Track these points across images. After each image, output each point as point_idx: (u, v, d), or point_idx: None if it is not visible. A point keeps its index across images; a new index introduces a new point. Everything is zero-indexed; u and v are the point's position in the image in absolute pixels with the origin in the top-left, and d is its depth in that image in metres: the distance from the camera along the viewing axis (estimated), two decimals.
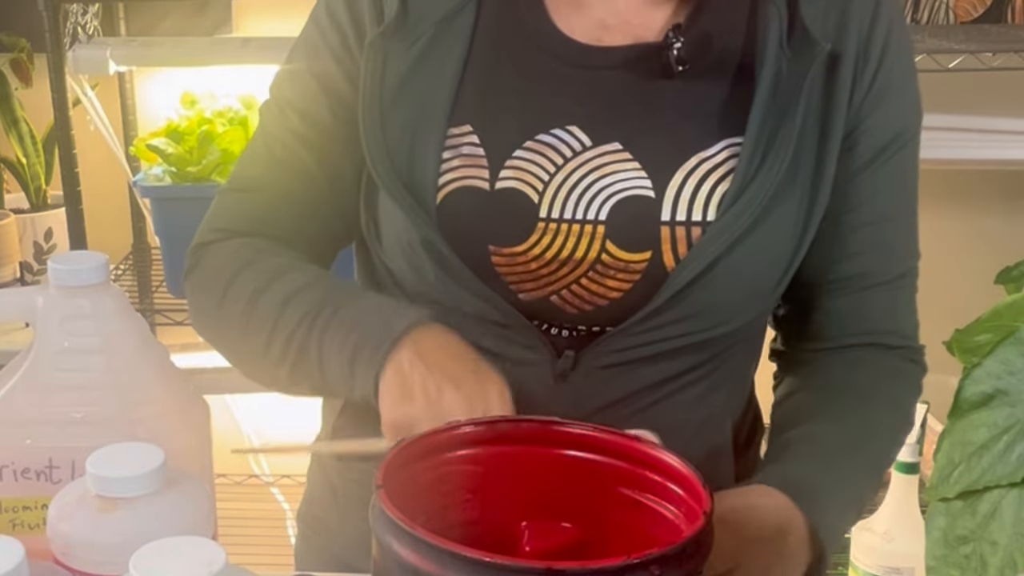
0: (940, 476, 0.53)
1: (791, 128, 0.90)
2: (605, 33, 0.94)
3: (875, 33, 0.94)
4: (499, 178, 0.92)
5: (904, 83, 0.97)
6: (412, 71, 0.94)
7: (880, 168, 0.97)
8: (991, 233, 2.20)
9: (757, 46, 0.92)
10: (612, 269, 0.92)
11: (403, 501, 0.64)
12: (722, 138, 0.92)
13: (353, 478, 1.05)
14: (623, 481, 0.74)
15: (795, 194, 0.92)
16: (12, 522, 0.86)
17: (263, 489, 2.31)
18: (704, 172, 0.91)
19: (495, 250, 0.92)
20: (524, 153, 0.92)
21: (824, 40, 0.91)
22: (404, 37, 0.94)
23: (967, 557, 0.52)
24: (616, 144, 0.92)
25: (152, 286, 2.10)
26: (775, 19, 0.92)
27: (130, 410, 0.85)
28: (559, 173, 0.92)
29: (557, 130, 0.93)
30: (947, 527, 0.52)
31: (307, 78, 0.99)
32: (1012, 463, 0.51)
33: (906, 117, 0.98)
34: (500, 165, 0.92)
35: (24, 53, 2.14)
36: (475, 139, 0.93)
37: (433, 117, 0.93)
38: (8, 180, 2.21)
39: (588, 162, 0.92)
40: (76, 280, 0.85)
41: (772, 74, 0.91)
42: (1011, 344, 0.53)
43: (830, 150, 0.93)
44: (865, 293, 0.99)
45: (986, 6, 2.03)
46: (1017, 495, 0.51)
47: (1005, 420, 0.52)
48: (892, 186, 0.98)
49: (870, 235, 0.98)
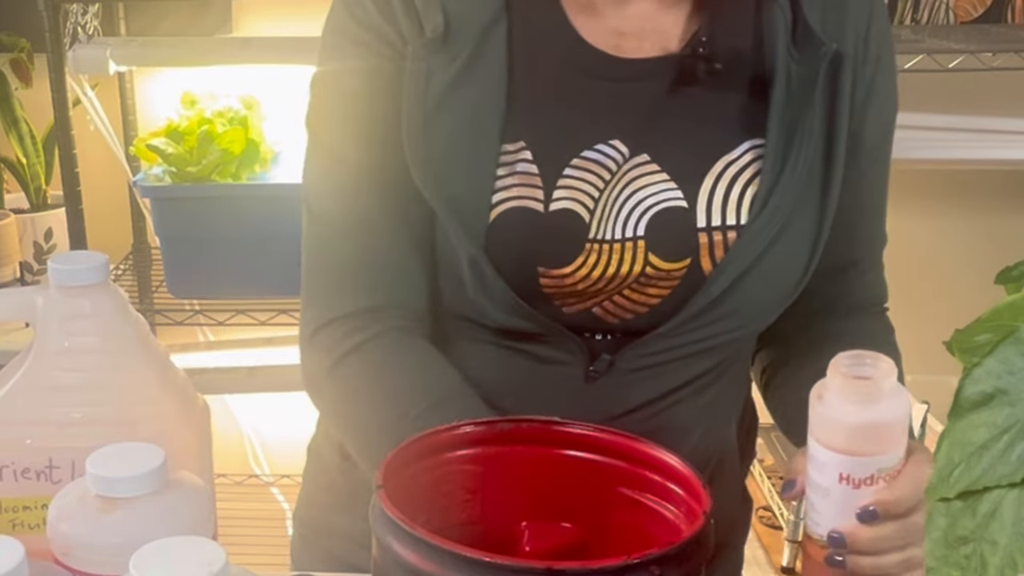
0: (940, 476, 0.53)
1: (809, 127, 0.91)
2: (622, 40, 0.94)
3: (871, 32, 0.95)
4: (553, 198, 0.91)
5: (892, 81, 0.99)
6: (454, 87, 0.91)
7: (875, 164, 0.99)
8: (991, 233, 2.20)
9: (766, 48, 0.93)
10: (654, 279, 0.92)
11: (403, 501, 0.64)
12: (744, 140, 0.93)
13: (350, 480, 1.05)
14: (623, 481, 0.74)
15: (812, 195, 0.93)
16: (12, 522, 0.85)
17: (263, 489, 2.31)
18: (732, 175, 0.92)
19: (544, 272, 0.91)
20: (574, 171, 0.91)
21: (828, 40, 0.92)
22: (447, 52, 0.91)
23: (967, 557, 0.52)
24: (645, 156, 0.92)
25: (152, 286, 2.10)
26: (781, 20, 0.92)
27: (130, 410, 0.85)
28: (607, 189, 0.92)
29: (601, 145, 0.92)
30: (947, 527, 0.52)
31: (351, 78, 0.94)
32: (1012, 463, 0.51)
33: (893, 113, 1.00)
34: (553, 184, 0.91)
35: (24, 53, 2.14)
36: (528, 155, 0.91)
37: (485, 132, 0.91)
38: (8, 180, 2.21)
39: (627, 175, 0.92)
40: (76, 280, 0.85)
41: (784, 77, 0.92)
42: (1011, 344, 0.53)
43: (837, 151, 0.93)
44: (852, 276, 1.02)
45: (986, 6, 2.03)
46: (1017, 495, 0.51)
47: (1005, 420, 0.52)
48: (881, 180, 1.01)
49: (866, 228, 1.01)
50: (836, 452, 0.76)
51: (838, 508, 0.77)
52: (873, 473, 0.76)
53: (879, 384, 0.76)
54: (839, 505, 0.77)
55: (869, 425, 0.76)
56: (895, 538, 0.77)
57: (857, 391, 0.75)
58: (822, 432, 0.77)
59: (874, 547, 0.77)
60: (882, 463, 0.76)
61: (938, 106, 1.98)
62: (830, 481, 0.77)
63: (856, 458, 0.76)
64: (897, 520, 0.76)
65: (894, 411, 0.77)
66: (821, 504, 0.78)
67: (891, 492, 0.76)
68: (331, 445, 1.07)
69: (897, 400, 0.77)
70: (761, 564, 2.01)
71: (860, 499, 0.76)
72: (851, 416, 0.75)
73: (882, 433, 0.76)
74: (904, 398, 0.78)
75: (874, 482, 0.76)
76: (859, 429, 0.76)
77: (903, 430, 0.77)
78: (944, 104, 1.98)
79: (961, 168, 2.13)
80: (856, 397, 0.75)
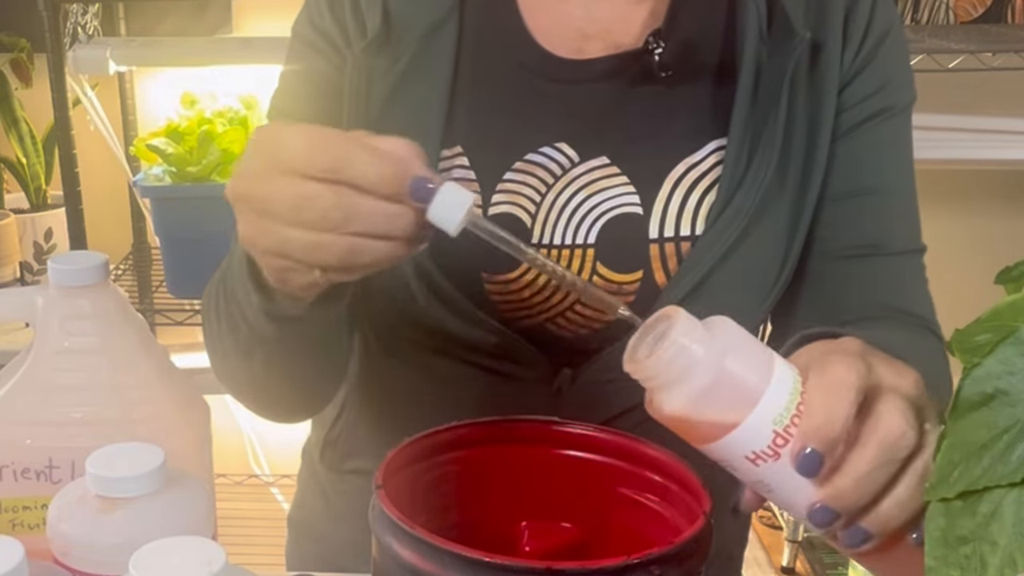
0: (940, 476, 0.53)
1: (775, 125, 0.88)
2: (586, 43, 0.92)
3: (856, 12, 0.92)
4: (491, 203, 0.90)
5: (887, 58, 0.93)
6: (397, 90, 0.90)
7: (856, 139, 0.92)
8: (991, 233, 2.20)
9: (737, 42, 0.90)
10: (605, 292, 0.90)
11: (403, 501, 0.64)
12: (709, 140, 0.90)
13: (344, 488, 1.04)
14: (623, 481, 0.74)
15: (786, 191, 0.90)
16: (12, 522, 0.85)
17: (263, 489, 2.31)
18: (692, 181, 0.90)
19: (488, 277, 0.90)
20: (515, 175, 0.90)
21: (804, 29, 0.89)
22: (388, 54, 0.90)
23: (967, 557, 0.52)
24: (603, 159, 0.90)
25: (152, 286, 2.10)
26: (753, 11, 0.90)
27: (130, 410, 0.85)
28: (549, 193, 0.90)
29: (546, 148, 0.90)
30: (947, 527, 0.52)
31: (307, 88, 0.95)
32: (1012, 463, 0.51)
33: (888, 93, 0.94)
34: (492, 189, 0.90)
35: (24, 53, 2.14)
36: (465, 161, 0.90)
37: (424, 139, 0.88)
38: (8, 180, 2.21)
39: (576, 180, 0.90)
40: (76, 280, 0.85)
41: (752, 71, 0.89)
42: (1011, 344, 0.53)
43: (820, 142, 0.90)
44: (865, 262, 0.93)
45: (986, 6, 2.03)
46: (1017, 495, 0.51)
47: (1005, 420, 0.52)
48: (872, 158, 0.94)
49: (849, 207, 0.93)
50: (715, 441, 0.62)
51: (791, 489, 0.62)
52: (773, 429, 0.60)
53: (677, 342, 0.61)
54: (788, 485, 0.62)
55: (707, 389, 0.61)
56: (881, 461, 0.60)
57: (664, 368, 0.61)
58: (685, 434, 0.63)
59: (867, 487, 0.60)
60: (769, 412, 0.60)
61: (938, 106, 1.98)
62: (751, 471, 0.62)
63: (737, 430, 0.61)
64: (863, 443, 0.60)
65: (719, 353, 0.61)
66: (778, 499, 0.63)
67: (809, 420, 0.60)
68: (321, 453, 1.06)
69: (714, 340, 0.62)
70: (761, 564, 2.02)
71: (791, 463, 0.61)
72: (684, 396, 0.61)
73: (730, 383, 0.61)
74: (722, 329, 0.62)
75: (786, 437, 0.60)
76: (703, 400, 0.61)
77: (753, 363, 0.61)
78: (944, 104, 1.98)
79: (961, 168, 2.13)
80: (670, 374, 0.61)
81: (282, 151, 0.65)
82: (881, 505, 0.61)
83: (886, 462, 0.60)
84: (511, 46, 0.92)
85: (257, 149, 0.67)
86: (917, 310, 0.95)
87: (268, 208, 0.66)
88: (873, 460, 0.60)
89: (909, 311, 0.94)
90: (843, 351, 0.63)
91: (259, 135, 0.68)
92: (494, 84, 0.92)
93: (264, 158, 0.66)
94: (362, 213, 0.64)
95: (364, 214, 0.64)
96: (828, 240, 0.94)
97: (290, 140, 0.65)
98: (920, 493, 0.60)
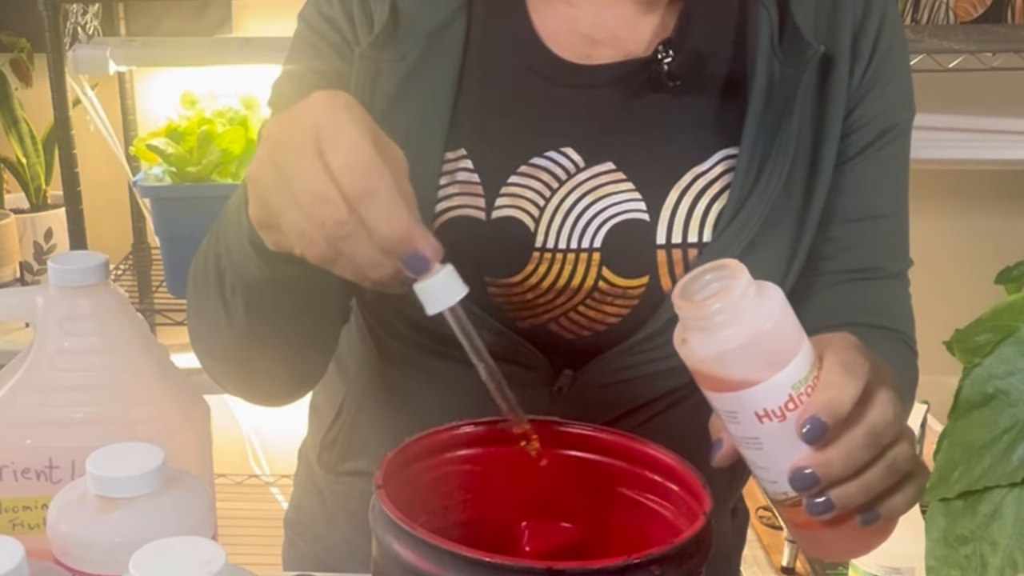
0: (940, 476, 0.53)
1: (788, 136, 0.88)
2: (594, 49, 0.92)
3: (866, 27, 0.92)
4: (495, 206, 0.89)
5: (893, 76, 0.94)
6: (403, 88, 0.89)
7: (867, 161, 0.94)
8: (991, 233, 2.20)
9: (748, 53, 0.90)
10: (610, 296, 0.90)
11: (403, 501, 0.64)
12: (717, 150, 0.90)
13: (341, 489, 1.04)
14: (623, 481, 0.74)
15: (792, 204, 0.90)
16: (12, 522, 0.85)
17: (263, 489, 2.31)
18: (699, 189, 0.89)
19: (491, 281, 0.89)
20: (519, 179, 0.89)
21: (816, 42, 0.89)
22: (395, 49, 0.89)
23: (967, 557, 0.52)
24: (610, 164, 0.90)
25: (152, 286, 2.10)
26: (765, 22, 0.90)
27: (130, 410, 0.85)
28: (554, 197, 0.89)
29: (551, 152, 0.90)
30: (947, 527, 0.52)
31: (311, 77, 0.94)
32: (1012, 463, 0.51)
33: (895, 111, 0.95)
34: (496, 192, 0.89)
35: (24, 53, 2.14)
36: (469, 164, 0.90)
37: (429, 140, 0.89)
38: (8, 180, 2.21)
39: (582, 184, 0.90)
40: (76, 280, 0.85)
41: (765, 82, 0.89)
42: (1011, 344, 0.53)
43: (825, 156, 0.91)
44: (863, 284, 0.96)
45: (986, 6, 2.03)
46: (1017, 495, 0.51)
47: (1005, 420, 0.52)
48: (880, 181, 0.95)
49: (857, 230, 0.95)
50: (734, 392, 0.65)
51: (781, 450, 0.66)
52: (789, 393, 0.64)
53: (732, 294, 0.64)
54: (780, 446, 0.66)
55: (746, 345, 0.64)
56: (867, 443, 0.66)
57: (713, 314, 0.64)
58: (707, 379, 0.66)
59: (852, 463, 0.66)
60: (791, 377, 0.64)
61: (938, 106, 1.98)
62: (753, 427, 0.66)
63: (759, 386, 0.64)
64: (857, 423, 0.66)
65: (766, 316, 0.65)
66: (763, 458, 0.67)
67: (824, 393, 0.65)
68: (318, 455, 1.06)
69: (764, 302, 0.65)
70: (761, 564, 2.01)
71: (795, 427, 0.65)
72: (723, 345, 0.64)
73: (767, 345, 0.64)
74: (771, 294, 0.66)
75: (797, 403, 0.65)
76: (739, 354, 0.64)
77: (790, 331, 0.66)
78: (944, 104, 1.98)
79: (961, 168, 2.13)
80: (716, 320, 0.64)
81: (332, 145, 0.65)
82: (852, 483, 0.67)
83: (871, 444, 0.66)
84: (519, 48, 0.92)
85: (321, 115, 0.66)
86: (900, 326, 0.99)
87: (287, 173, 0.66)
88: (862, 439, 0.66)
89: (894, 328, 0.98)
90: (850, 343, 0.69)
91: (335, 101, 0.67)
92: (500, 86, 0.91)
93: (316, 133, 0.66)
94: (355, 245, 0.65)
95: (356, 247, 0.65)
96: (830, 260, 0.95)
97: (344, 140, 0.65)
98: (886, 480, 0.68)
